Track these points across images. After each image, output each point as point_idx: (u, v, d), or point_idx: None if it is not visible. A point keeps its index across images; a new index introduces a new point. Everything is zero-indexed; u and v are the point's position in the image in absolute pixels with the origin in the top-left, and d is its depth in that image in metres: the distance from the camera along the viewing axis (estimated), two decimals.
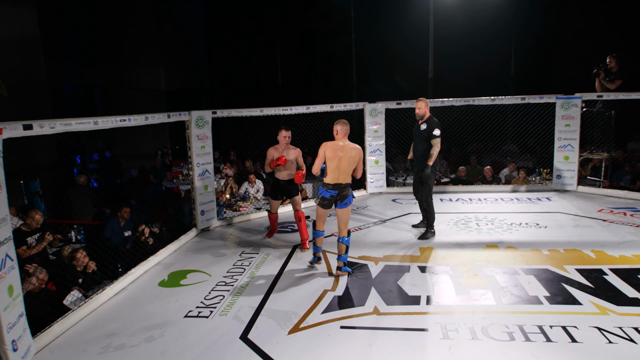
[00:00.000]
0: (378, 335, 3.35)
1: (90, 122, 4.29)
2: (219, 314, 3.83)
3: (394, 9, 13.55)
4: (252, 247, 5.61)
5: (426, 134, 5.41)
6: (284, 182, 5.60)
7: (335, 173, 4.47)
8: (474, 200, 7.43)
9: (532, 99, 7.72)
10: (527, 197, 7.47)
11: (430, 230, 5.59)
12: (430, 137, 5.37)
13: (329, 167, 4.47)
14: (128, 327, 3.69)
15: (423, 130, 5.45)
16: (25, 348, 3.16)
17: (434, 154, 5.36)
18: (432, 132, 5.35)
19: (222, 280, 4.57)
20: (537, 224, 6.01)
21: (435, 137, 5.35)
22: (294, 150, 5.58)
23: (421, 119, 5.51)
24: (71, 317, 3.76)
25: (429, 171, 5.39)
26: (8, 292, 3.03)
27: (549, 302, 3.75)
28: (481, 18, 12.61)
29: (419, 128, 5.54)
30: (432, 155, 5.36)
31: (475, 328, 3.38)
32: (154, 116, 5.38)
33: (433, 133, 5.35)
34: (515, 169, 8.69)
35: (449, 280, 4.30)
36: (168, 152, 12.34)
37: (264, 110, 6.96)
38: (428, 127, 5.41)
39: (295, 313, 3.75)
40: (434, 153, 5.36)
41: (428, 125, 5.42)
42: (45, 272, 4.11)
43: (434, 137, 5.35)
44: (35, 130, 3.52)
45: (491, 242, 5.35)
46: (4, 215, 3.06)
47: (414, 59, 13.13)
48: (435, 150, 5.35)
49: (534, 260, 4.69)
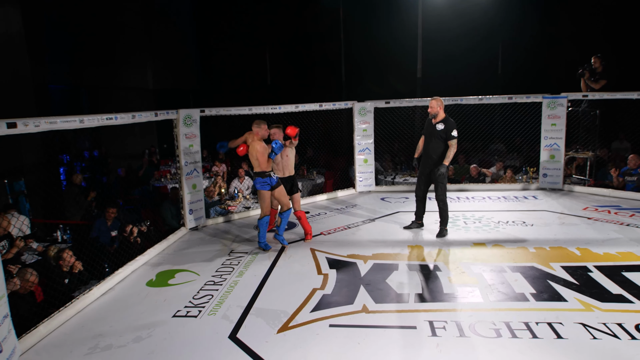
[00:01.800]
0: (367, 333, 3.36)
1: (76, 120, 4.24)
2: (208, 313, 3.81)
3: (383, 10, 13.62)
4: (241, 246, 5.59)
5: (444, 135, 5.41)
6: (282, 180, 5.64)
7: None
8: (462, 199, 7.50)
9: (519, 98, 7.81)
10: (513, 196, 7.56)
11: (445, 227, 5.62)
12: (448, 137, 5.38)
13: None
14: (115, 327, 3.66)
15: (440, 131, 5.44)
16: (10, 349, 3.11)
17: (451, 154, 5.38)
18: (451, 133, 5.36)
19: (211, 279, 4.55)
20: (523, 222, 6.08)
21: (453, 137, 5.36)
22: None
23: (434, 118, 5.50)
24: (57, 317, 3.71)
25: (445, 170, 5.41)
26: None
27: (535, 299, 3.80)
28: (469, 19, 12.74)
29: (434, 128, 5.51)
30: (449, 156, 5.38)
31: (462, 325, 3.42)
32: (141, 114, 5.33)
33: (452, 134, 5.36)
34: (502, 167, 8.78)
35: (437, 278, 4.33)
36: (156, 151, 12.25)
37: (252, 109, 6.93)
38: (446, 127, 5.40)
39: (285, 312, 3.75)
40: (451, 154, 5.38)
41: (446, 126, 5.41)
42: (36, 274, 4.05)
43: (452, 138, 5.37)
44: (20, 128, 3.47)
45: (478, 240, 5.41)
46: None
47: (403, 59, 13.22)
48: (452, 151, 5.38)
49: (520, 258, 4.75)
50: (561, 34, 11.96)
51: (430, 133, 5.56)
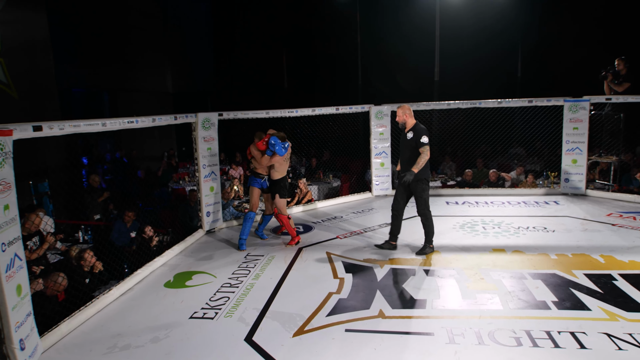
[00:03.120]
0: (383, 339, 3.33)
1: (99, 123, 4.32)
2: (224, 315, 3.83)
3: (400, 13, 13.56)
4: (257, 248, 5.61)
5: (414, 143, 5.00)
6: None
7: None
8: (481, 204, 7.39)
9: (539, 101, 7.68)
10: (534, 201, 7.42)
11: (429, 245, 5.14)
12: (418, 145, 4.95)
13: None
14: (134, 327, 3.70)
15: (410, 139, 5.05)
16: (32, 347, 3.18)
17: (421, 162, 4.92)
18: (420, 140, 4.94)
19: (227, 281, 4.57)
20: (544, 228, 5.97)
21: (422, 144, 4.93)
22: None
23: (405, 128, 5.15)
24: (78, 316, 3.78)
25: (411, 177, 4.90)
26: (17, 292, 3.05)
27: (557, 307, 3.71)
28: (487, 20, 12.59)
29: (405, 137, 5.15)
30: (418, 163, 4.90)
31: (481, 333, 3.36)
32: (161, 118, 5.41)
33: (421, 141, 4.94)
34: (522, 172, 8.63)
35: (455, 284, 4.27)
36: (174, 154, 12.40)
37: (269, 112, 6.97)
38: (415, 135, 5.01)
39: (300, 315, 3.75)
40: (422, 161, 4.92)
41: (415, 134, 5.02)
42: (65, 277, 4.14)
43: (421, 145, 4.93)
44: (45, 131, 3.54)
45: (498, 246, 5.32)
46: (13, 215, 3.09)
47: (419, 62, 13.13)
48: (423, 159, 4.92)
49: (541, 265, 4.65)
50: (584, 35, 11.72)
51: (403, 144, 5.21)
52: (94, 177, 7.61)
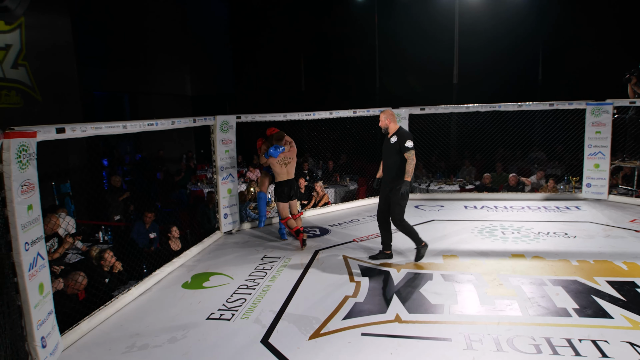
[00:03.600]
0: (400, 344, 3.31)
1: (120, 125, 4.40)
2: (241, 317, 3.85)
3: (418, 15, 13.49)
4: (274, 251, 5.63)
5: (397, 147, 4.80)
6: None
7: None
8: (500, 208, 7.29)
9: (561, 105, 7.54)
10: (555, 206, 7.28)
11: (421, 244, 4.95)
12: (403, 150, 4.75)
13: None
14: (152, 327, 3.75)
15: (394, 144, 4.84)
16: (53, 345, 3.25)
17: (410, 169, 4.73)
18: (404, 145, 4.74)
19: (244, 283, 4.60)
20: (565, 233, 5.85)
21: (407, 149, 4.73)
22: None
23: (387, 133, 4.95)
24: (97, 315, 3.84)
25: (407, 190, 4.72)
26: (39, 290, 3.12)
27: (578, 314, 3.63)
28: (507, 22, 12.44)
29: (388, 142, 4.94)
30: (408, 171, 4.72)
31: (500, 339, 3.31)
32: (180, 120, 5.49)
33: (406, 145, 4.73)
34: (543, 176, 8.49)
35: (473, 289, 4.22)
36: (193, 156, 12.55)
37: (287, 115, 7.00)
38: (399, 140, 4.80)
39: (316, 318, 3.74)
40: (410, 168, 4.73)
41: (399, 138, 4.81)
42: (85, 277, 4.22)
43: (406, 150, 4.73)
44: (68, 133, 3.62)
45: (517, 251, 5.23)
46: (36, 215, 3.16)
47: (438, 65, 13.04)
48: (411, 165, 4.74)
49: (562, 271, 4.56)
50: (607, 37, 11.48)
51: (386, 149, 4.98)
52: (115, 178, 7.75)
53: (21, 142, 3.03)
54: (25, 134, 3.08)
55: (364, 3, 14.37)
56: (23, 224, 3.01)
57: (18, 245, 2.96)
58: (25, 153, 3.06)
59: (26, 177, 3.07)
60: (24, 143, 3.05)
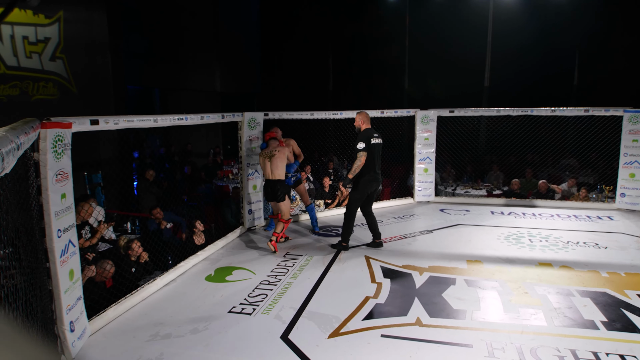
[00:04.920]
0: (419, 347, 3.28)
1: (151, 119, 4.50)
2: (261, 312, 3.89)
3: (451, 16, 13.28)
4: (296, 248, 5.66)
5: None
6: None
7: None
8: (528, 215, 7.12)
9: (596, 111, 7.31)
10: (586, 215, 7.07)
11: (343, 243, 5.52)
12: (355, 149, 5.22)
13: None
14: (175, 317, 3.83)
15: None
16: (81, 329, 3.35)
17: (354, 166, 5.21)
18: (356, 146, 5.20)
19: (266, 279, 4.64)
20: (596, 244, 5.67)
21: (357, 150, 5.19)
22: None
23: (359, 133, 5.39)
24: (123, 303, 3.95)
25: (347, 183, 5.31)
26: (69, 276, 3.23)
27: (606, 327, 3.52)
28: (543, 25, 12.11)
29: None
30: (352, 169, 5.22)
31: (523, 349, 3.23)
32: (209, 116, 5.57)
33: (356, 146, 5.20)
34: (574, 184, 8.23)
35: (497, 296, 4.14)
36: (220, 152, 12.71)
37: (314, 114, 7.02)
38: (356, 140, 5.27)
39: (336, 317, 3.75)
40: (354, 166, 5.21)
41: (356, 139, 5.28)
42: (112, 265, 4.35)
43: (356, 151, 5.20)
44: (101, 125, 3.73)
45: (544, 260, 5.11)
46: (69, 204, 3.27)
47: (470, 67, 12.81)
48: (355, 164, 5.20)
49: (591, 282, 4.42)
50: None
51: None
52: (149, 172, 7.92)
53: (57, 133, 3.13)
54: (61, 124, 3.19)
55: (395, 3, 14.25)
56: (56, 211, 3.11)
57: (51, 232, 3.07)
58: (60, 143, 3.16)
59: (61, 166, 3.17)
60: (59, 133, 3.16)
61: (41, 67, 7.86)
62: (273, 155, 5.51)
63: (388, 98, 14.32)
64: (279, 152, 5.53)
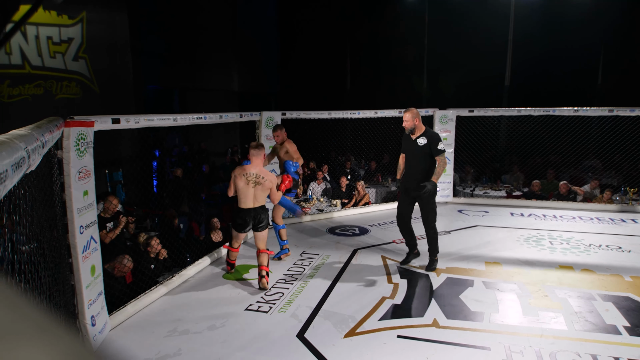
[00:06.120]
0: (436, 349, 3.25)
1: (170, 118, 4.57)
2: (278, 310, 3.91)
3: (470, 14, 13.12)
4: (312, 247, 5.67)
5: (428, 150, 4.59)
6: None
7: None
8: (549, 217, 6.99)
9: (621, 111, 7.13)
10: (609, 218, 6.91)
11: (435, 258, 4.84)
12: (434, 152, 4.56)
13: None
14: (193, 314, 3.87)
15: (423, 146, 4.61)
16: (102, 324, 3.42)
17: (440, 170, 4.56)
18: (437, 147, 4.55)
19: (282, 277, 4.66)
20: (619, 247, 5.54)
21: (440, 152, 4.55)
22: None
23: (412, 133, 4.68)
24: (143, 299, 4.01)
25: (433, 188, 4.50)
26: (91, 272, 3.30)
27: (629, 333, 3.43)
28: (565, 23, 11.87)
29: (414, 144, 4.67)
30: (438, 173, 4.54)
31: (542, 352, 3.18)
32: (227, 115, 5.62)
33: (438, 148, 4.55)
34: (597, 186, 8.04)
35: (515, 299, 4.08)
36: (238, 150, 12.81)
37: (331, 113, 7.02)
38: (429, 141, 4.59)
39: (352, 317, 3.74)
40: (440, 170, 4.55)
41: (429, 140, 4.59)
42: (131, 260, 4.42)
43: (439, 153, 4.55)
44: (122, 124, 3.80)
45: (565, 262, 5.01)
46: (91, 201, 3.34)
47: (489, 65, 12.64)
48: (441, 168, 4.56)
49: (613, 286, 4.32)
50: None
51: (412, 150, 4.72)
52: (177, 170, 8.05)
53: (80, 131, 3.20)
54: (83, 123, 3.26)
55: (414, 3, 14.15)
56: (79, 208, 3.18)
57: (74, 228, 3.14)
58: (83, 141, 3.23)
59: (83, 164, 3.24)
60: (82, 132, 3.23)
61: (64, 67, 8.05)
62: (259, 183, 4.36)
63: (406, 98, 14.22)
64: (267, 181, 4.37)
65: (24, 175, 1.78)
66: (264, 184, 4.36)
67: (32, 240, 2.35)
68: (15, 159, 1.56)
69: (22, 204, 2.03)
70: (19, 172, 1.59)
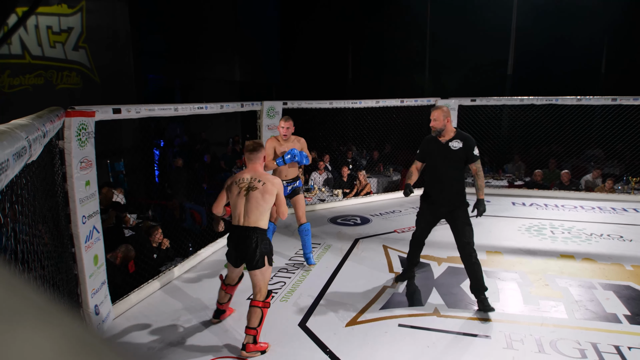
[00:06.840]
0: (437, 338, 3.27)
1: (171, 108, 4.55)
2: (280, 299, 3.93)
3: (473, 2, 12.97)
4: (314, 237, 5.68)
5: (463, 155, 3.76)
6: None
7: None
8: (550, 207, 6.99)
9: (625, 100, 7.08)
10: (610, 207, 6.90)
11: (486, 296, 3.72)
12: (470, 159, 3.77)
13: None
14: (195, 303, 3.90)
15: (457, 151, 3.75)
16: (105, 313, 3.45)
17: (483, 183, 3.88)
18: (473, 153, 3.76)
19: (284, 267, 4.68)
20: (620, 236, 5.54)
21: (477, 158, 3.79)
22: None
23: (441, 135, 3.80)
24: (145, 289, 4.04)
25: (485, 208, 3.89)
26: (94, 261, 3.32)
27: (629, 321, 3.45)
28: (569, 10, 11.73)
29: (445, 148, 3.78)
30: (481, 187, 3.86)
31: (542, 341, 3.20)
32: (229, 105, 5.61)
33: (475, 154, 3.76)
34: (599, 175, 8.02)
35: (516, 288, 4.09)
36: (239, 140, 12.79)
37: (333, 103, 6.99)
38: (465, 145, 3.75)
39: (354, 306, 3.76)
40: (483, 182, 3.87)
41: (464, 144, 3.75)
42: (133, 250, 4.44)
43: (476, 159, 3.78)
44: (123, 114, 3.79)
45: (567, 252, 5.02)
46: (93, 191, 3.35)
47: (492, 54, 12.54)
48: (483, 178, 3.88)
49: (614, 275, 4.33)
50: None
51: (442, 156, 3.82)
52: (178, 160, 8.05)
53: (81, 121, 3.20)
54: (84, 113, 3.25)
55: None
56: (81, 198, 3.19)
57: (76, 218, 3.15)
58: (84, 131, 3.23)
59: (85, 154, 3.24)
60: (83, 122, 3.22)
61: (65, 57, 8.01)
62: (254, 188, 3.16)
63: (408, 87, 14.14)
64: (266, 184, 3.17)
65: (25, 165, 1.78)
66: (262, 189, 3.12)
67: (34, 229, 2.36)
68: (17, 148, 1.56)
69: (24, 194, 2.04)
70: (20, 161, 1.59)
